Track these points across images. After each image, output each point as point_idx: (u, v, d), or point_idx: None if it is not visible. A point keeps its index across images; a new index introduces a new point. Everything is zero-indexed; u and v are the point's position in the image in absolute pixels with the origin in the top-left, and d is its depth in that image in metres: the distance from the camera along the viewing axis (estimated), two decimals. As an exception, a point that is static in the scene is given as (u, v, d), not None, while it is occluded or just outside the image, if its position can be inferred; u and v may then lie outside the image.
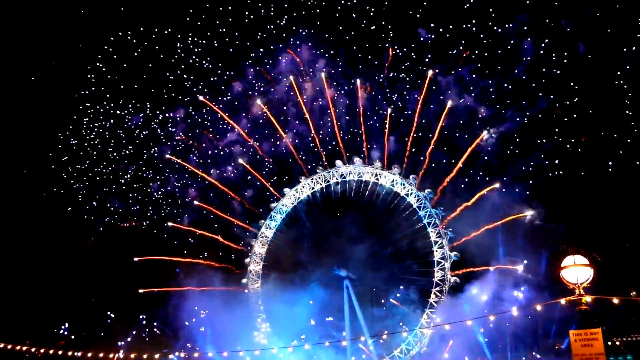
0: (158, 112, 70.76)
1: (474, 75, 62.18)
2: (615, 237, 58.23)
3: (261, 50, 68.05)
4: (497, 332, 60.78)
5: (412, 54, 64.97)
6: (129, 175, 70.51)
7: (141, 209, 70.15)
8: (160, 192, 70.28)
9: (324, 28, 66.72)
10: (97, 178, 70.62)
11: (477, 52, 61.86)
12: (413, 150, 62.58)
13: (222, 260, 67.16)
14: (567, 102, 58.53)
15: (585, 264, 25.09)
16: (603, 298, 31.53)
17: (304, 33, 66.90)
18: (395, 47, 64.51)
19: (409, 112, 64.09)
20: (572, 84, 58.70)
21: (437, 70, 62.49)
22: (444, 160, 61.87)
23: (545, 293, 53.05)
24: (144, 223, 69.41)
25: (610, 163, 58.18)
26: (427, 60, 64.01)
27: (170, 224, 67.22)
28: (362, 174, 63.46)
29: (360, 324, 60.11)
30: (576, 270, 24.82)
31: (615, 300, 28.50)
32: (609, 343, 57.65)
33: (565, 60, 58.77)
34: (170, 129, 71.54)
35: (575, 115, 58.64)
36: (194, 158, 70.56)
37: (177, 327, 65.98)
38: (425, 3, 63.60)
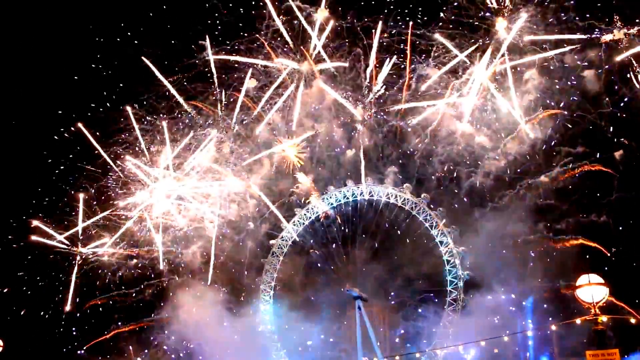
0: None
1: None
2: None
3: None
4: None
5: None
6: None
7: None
8: None
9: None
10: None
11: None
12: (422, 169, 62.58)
13: (233, 281, 67.13)
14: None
15: (600, 283, 24.86)
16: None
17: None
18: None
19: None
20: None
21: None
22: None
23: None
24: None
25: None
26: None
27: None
28: (373, 193, 63.59)
29: (372, 345, 59.54)
30: (591, 290, 24.58)
31: (633, 320, 28.10)
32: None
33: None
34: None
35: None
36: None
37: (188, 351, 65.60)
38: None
